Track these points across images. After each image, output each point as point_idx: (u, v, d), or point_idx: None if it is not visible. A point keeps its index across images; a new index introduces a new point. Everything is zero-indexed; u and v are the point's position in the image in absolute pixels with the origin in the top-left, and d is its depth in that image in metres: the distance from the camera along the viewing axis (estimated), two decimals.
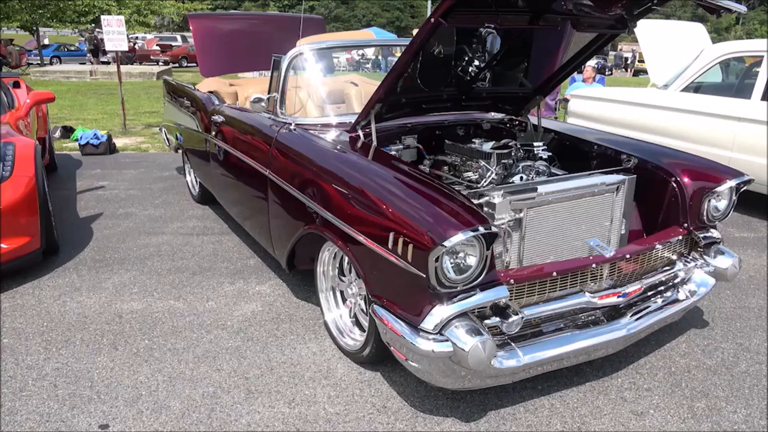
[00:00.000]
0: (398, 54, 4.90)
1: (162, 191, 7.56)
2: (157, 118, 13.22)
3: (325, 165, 3.55)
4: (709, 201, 3.73)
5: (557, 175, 3.86)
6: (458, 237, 2.61)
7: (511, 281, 3.00)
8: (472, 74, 4.05)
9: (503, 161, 3.88)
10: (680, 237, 3.71)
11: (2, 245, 4.52)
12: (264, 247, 4.61)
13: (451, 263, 2.74)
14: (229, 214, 5.70)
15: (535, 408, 3.28)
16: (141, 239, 5.77)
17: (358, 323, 3.72)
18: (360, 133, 3.87)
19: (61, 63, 33.43)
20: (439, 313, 2.76)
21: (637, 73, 34.99)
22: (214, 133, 5.33)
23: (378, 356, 3.44)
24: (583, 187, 3.48)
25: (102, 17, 10.99)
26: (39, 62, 32.56)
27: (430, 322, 2.77)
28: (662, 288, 3.70)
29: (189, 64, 34.93)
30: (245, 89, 6.21)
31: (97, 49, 31.67)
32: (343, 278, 3.76)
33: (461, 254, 2.77)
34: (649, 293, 3.63)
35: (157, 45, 37.62)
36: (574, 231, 3.48)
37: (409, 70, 3.65)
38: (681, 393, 3.43)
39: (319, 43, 4.49)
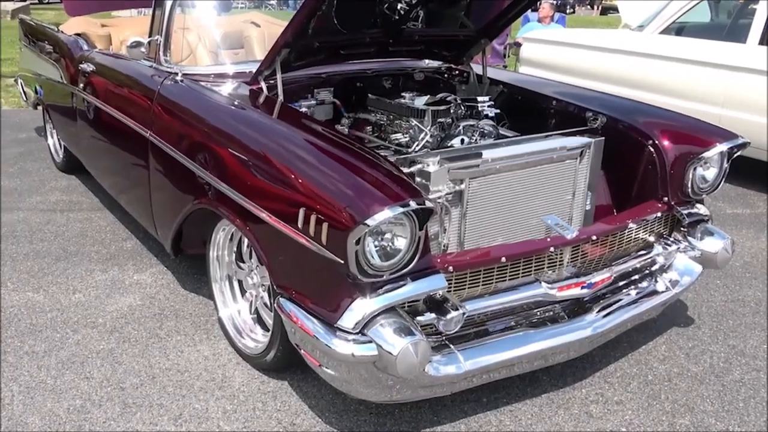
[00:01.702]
0: None
1: (18, 157, 7.45)
2: (12, 67, 13.01)
3: (219, 125, 3.53)
4: (695, 169, 3.70)
5: (507, 137, 3.84)
6: (384, 214, 2.57)
7: (450, 268, 2.97)
8: (402, 12, 4.01)
9: (440, 120, 3.85)
10: (659, 214, 3.71)
11: None
12: (144, 226, 4.60)
13: (376, 246, 2.72)
14: (101, 186, 5.65)
15: (480, 426, 3.26)
16: None
17: (260, 321, 3.68)
18: (263, 85, 3.83)
19: None
20: (361, 308, 2.73)
21: (606, 11, 35.42)
22: (82, 85, 5.25)
23: (285, 361, 3.42)
24: (538, 152, 3.45)
25: None
26: None
27: (349, 319, 2.74)
28: (637, 277, 3.71)
29: (51, 0, 33.85)
30: (121, 31, 6.13)
31: None
32: (242, 265, 3.72)
33: (388, 235, 2.73)
34: (621, 284, 3.63)
35: None
36: (528, 207, 3.46)
37: (324, 7, 3.60)
38: (660, 407, 3.41)
39: None
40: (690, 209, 3.78)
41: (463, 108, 4.03)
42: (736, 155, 3.80)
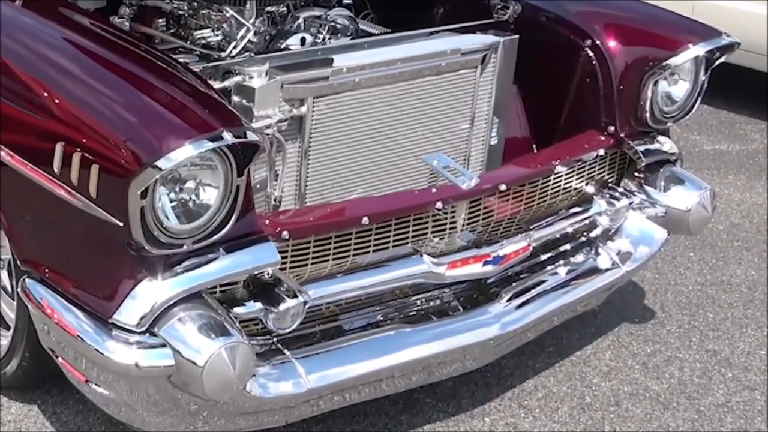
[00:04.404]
0: None
1: None
2: None
3: None
4: (656, 83, 3.66)
5: (370, 35, 3.83)
6: (184, 151, 2.48)
7: (285, 234, 2.89)
8: None
9: (269, 9, 3.81)
10: (602, 151, 3.70)
11: None
12: None
13: (172, 200, 2.66)
14: None
15: None
16: None
17: None
18: None
19: None
20: (150, 294, 2.64)
21: None
22: None
23: (34, 375, 3.37)
24: (419, 57, 3.44)
25: None
26: None
27: (131, 311, 2.64)
28: (568, 248, 3.74)
29: None
30: None
31: None
32: None
33: (190, 183, 2.68)
34: (544, 258, 3.67)
35: None
36: (403, 141, 3.48)
37: None
38: None
39: None
40: (649, 144, 3.76)
41: None
42: (718, 63, 3.78)
